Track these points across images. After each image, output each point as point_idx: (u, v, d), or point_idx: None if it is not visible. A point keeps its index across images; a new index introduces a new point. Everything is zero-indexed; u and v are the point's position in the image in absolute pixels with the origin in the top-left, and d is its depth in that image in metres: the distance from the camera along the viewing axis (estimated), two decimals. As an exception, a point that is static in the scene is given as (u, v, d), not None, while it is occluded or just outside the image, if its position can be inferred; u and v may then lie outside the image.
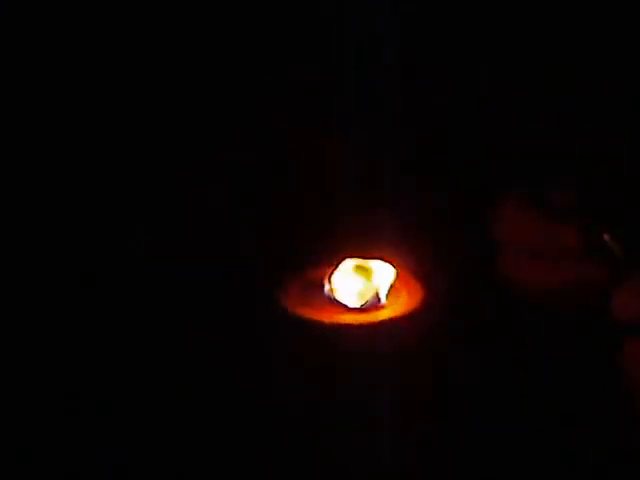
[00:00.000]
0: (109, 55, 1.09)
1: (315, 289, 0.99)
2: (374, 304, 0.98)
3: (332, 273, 0.99)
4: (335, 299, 0.98)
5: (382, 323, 0.96)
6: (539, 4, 1.08)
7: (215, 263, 1.12)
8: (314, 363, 0.96)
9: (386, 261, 1.00)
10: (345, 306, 0.98)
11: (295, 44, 1.10)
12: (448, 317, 1.03)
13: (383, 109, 1.11)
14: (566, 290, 0.95)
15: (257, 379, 1.03)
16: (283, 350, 0.98)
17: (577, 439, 0.98)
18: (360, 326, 0.96)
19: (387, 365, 0.95)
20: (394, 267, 1.00)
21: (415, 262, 1.03)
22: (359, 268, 1.00)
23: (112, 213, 1.12)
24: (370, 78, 1.11)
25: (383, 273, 0.99)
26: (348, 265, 1.00)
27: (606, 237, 0.92)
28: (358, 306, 0.98)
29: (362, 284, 0.99)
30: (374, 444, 0.96)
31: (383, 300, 0.99)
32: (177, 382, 1.05)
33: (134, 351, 1.08)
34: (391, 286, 0.99)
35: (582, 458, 0.97)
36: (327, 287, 0.99)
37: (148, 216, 1.13)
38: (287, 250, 1.10)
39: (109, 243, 1.13)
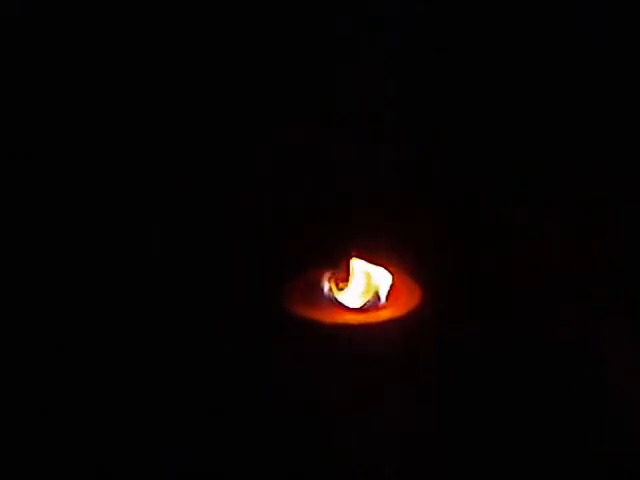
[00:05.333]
0: (113, 68, 1.09)
1: (315, 289, 0.99)
2: (374, 304, 0.98)
3: (332, 274, 0.99)
4: (335, 299, 0.98)
5: (382, 323, 0.96)
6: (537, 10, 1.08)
7: (216, 263, 1.13)
8: (314, 363, 0.96)
9: (386, 262, 1.01)
10: (345, 306, 0.98)
11: (295, 44, 1.10)
12: (448, 317, 1.03)
13: (384, 110, 1.11)
14: None
15: (257, 379, 1.03)
16: (283, 350, 0.98)
17: (573, 438, 0.99)
18: (360, 326, 0.96)
19: (387, 365, 0.95)
20: (394, 267, 1.00)
21: (415, 263, 1.04)
22: (359, 269, 1.00)
23: (112, 214, 1.13)
24: (370, 78, 1.11)
25: (382, 274, 0.99)
26: (348, 266, 1.00)
27: None
28: (358, 306, 0.98)
29: (362, 285, 0.99)
30: (374, 443, 0.96)
31: (383, 300, 0.99)
32: (177, 381, 1.05)
33: (134, 350, 1.08)
34: (391, 286, 0.99)
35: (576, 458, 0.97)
36: (327, 287, 0.99)
37: (148, 216, 1.13)
38: (287, 250, 1.10)
39: (108, 243, 1.13)
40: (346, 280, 0.99)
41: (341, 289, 0.99)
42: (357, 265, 1.01)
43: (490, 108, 1.10)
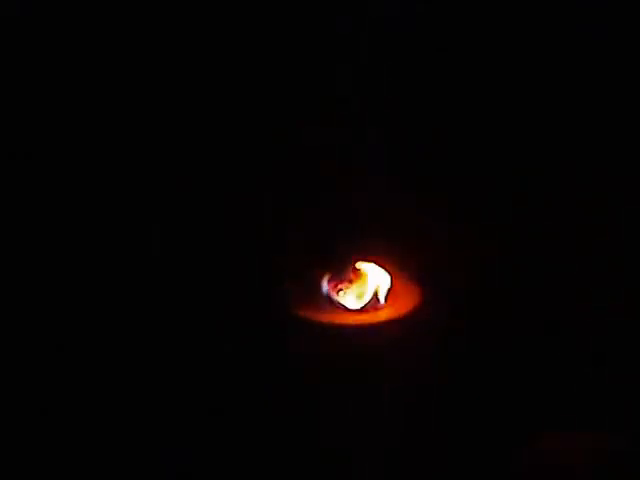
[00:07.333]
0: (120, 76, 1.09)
1: (315, 290, 0.99)
2: (374, 305, 0.98)
3: (332, 274, 1.00)
4: (335, 300, 0.99)
5: (382, 323, 0.96)
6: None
7: (216, 263, 1.13)
8: (314, 363, 0.96)
9: (385, 263, 1.01)
10: (345, 307, 0.98)
11: (295, 44, 1.10)
12: (448, 317, 1.03)
13: (384, 110, 1.11)
14: None
15: (257, 378, 1.03)
16: (283, 350, 0.98)
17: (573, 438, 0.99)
18: (360, 326, 0.96)
19: (387, 365, 0.96)
20: (393, 268, 1.01)
21: (415, 263, 1.04)
22: (358, 270, 1.00)
23: (112, 214, 1.13)
24: (370, 78, 1.11)
25: (382, 275, 1.00)
26: (348, 266, 1.00)
27: None
28: (358, 307, 0.98)
29: (362, 285, 0.99)
30: (374, 442, 0.96)
31: (383, 301, 0.99)
32: (177, 381, 1.05)
33: (134, 349, 1.08)
34: (390, 287, 0.99)
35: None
36: (328, 288, 0.99)
37: (148, 216, 1.13)
38: (287, 251, 1.10)
39: (109, 243, 1.13)
40: (346, 281, 1.00)
41: (341, 290, 0.99)
42: (357, 266, 1.01)
43: (490, 108, 1.10)
